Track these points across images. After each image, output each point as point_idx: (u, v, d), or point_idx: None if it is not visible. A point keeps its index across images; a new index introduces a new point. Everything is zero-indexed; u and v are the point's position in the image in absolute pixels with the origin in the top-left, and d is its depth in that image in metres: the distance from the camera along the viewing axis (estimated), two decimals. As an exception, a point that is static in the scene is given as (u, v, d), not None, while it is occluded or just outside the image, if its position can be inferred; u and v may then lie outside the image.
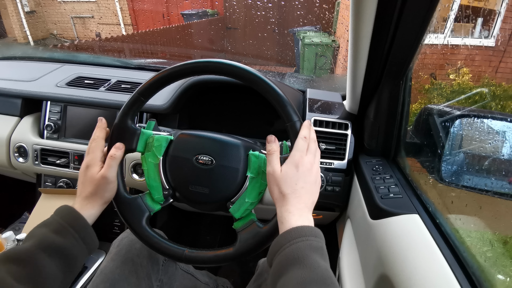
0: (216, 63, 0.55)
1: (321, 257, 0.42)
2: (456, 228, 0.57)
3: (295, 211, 0.47)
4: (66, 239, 0.49)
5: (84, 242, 0.51)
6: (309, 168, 0.51)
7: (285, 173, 0.50)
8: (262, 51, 5.03)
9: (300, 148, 0.51)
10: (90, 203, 0.55)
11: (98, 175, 0.55)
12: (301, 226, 0.44)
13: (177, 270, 0.73)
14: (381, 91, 0.73)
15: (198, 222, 1.56)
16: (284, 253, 0.42)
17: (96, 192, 0.55)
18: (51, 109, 1.06)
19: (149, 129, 0.61)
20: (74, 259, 0.50)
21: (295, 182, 0.49)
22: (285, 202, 0.48)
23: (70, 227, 0.50)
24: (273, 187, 0.50)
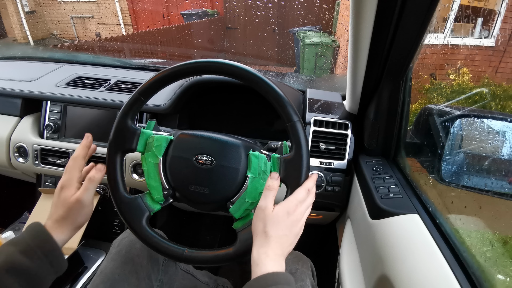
0: (216, 63, 0.55)
1: None
2: (456, 228, 0.57)
3: (273, 256, 0.46)
4: (33, 261, 0.47)
5: (52, 266, 0.49)
6: (299, 219, 0.51)
7: (276, 214, 0.49)
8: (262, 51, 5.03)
9: (299, 198, 0.51)
10: (60, 228, 0.52)
11: (72, 198, 0.53)
12: (276, 273, 0.44)
13: (177, 270, 0.73)
14: (381, 91, 0.73)
15: (198, 222, 1.56)
16: None
17: (68, 216, 0.53)
18: (51, 109, 1.06)
19: (149, 129, 0.61)
20: (40, 280, 0.48)
21: (282, 227, 0.49)
22: (265, 244, 0.47)
23: (38, 249, 0.48)
24: (259, 223, 0.49)
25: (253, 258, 0.47)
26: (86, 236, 1.02)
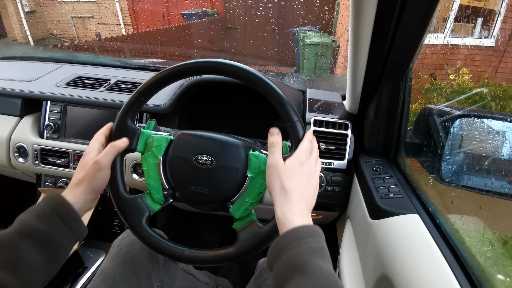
0: (216, 63, 0.55)
1: (323, 259, 0.39)
2: (456, 228, 0.57)
3: (298, 211, 0.44)
4: (49, 225, 0.46)
5: (69, 229, 0.48)
6: (313, 170, 0.49)
7: (289, 167, 0.47)
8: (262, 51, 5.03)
9: (305, 149, 0.50)
10: (75, 191, 0.52)
11: (91, 161, 0.53)
12: (297, 227, 0.42)
13: (178, 270, 0.73)
14: (381, 91, 0.73)
15: (198, 222, 1.56)
16: (283, 260, 0.40)
17: (84, 178, 0.52)
18: (51, 109, 1.06)
19: (149, 129, 0.61)
20: (59, 246, 0.47)
21: (299, 178, 0.47)
22: (288, 200, 0.45)
23: (54, 212, 0.47)
24: (275, 180, 0.47)
25: (278, 217, 0.45)
26: (86, 236, 1.01)
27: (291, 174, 0.47)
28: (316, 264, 0.38)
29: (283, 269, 0.39)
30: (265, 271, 0.74)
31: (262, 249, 0.55)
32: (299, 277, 0.37)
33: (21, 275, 0.42)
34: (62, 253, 0.48)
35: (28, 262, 0.43)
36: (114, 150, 0.55)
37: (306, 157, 0.50)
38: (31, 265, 0.43)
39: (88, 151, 0.55)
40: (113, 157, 0.55)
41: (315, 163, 0.51)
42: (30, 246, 0.44)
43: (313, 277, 0.36)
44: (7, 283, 0.40)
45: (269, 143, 0.51)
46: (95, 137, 0.57)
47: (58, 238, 0.47)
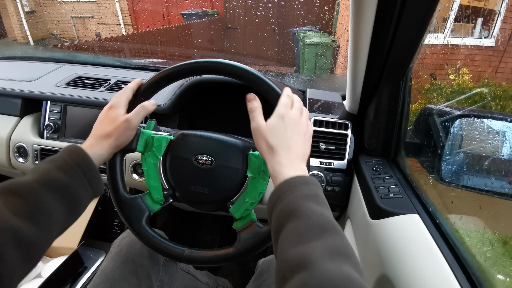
0: (216, 63, 0.55)
1: (316, 204, 0.40)
2: (456, 228, 0.57)
3: (286, 162, 0.45)
4: (71, 178, 0.45)
5: (90, 185, 0.48)
6: (296, 120, 0.50)
7: (270, 125, 0.49)
8: (262, 51, 5.03)
9: (284, 103, 0.50)
10: (102, 143, 0.52)
11: (122, 117, 0.54)
12: (290, 178, 0.42)
13: (178, 270, 0.73)
14: (381, 91, 0.73)
15: (198, 222, 1.56)
16: (278, 210, 0.41)
17: (113, 133, 0.53)
18: (51, 109, 1.06)
19: (149, 129, 0.61)
20: (79, 199, 0.47)
21: (282, 132, 0.47)
22: (275, 155, 0.46)
23: (77, 166, 0.46)
24: (261, 142, 0.48)
25: (270, 173, 0.46)
26: (86, 236, 1.02)
27: (274, 131, 0.48)
28: (308, 207, 0.39)
29: (278, 219, 0.40)
30: (265, 271, 0.74)
31: (262, 249, 0.55)
32: (293, 221, 0.38)
33: (41, 225, 0.41)
34: (81, 207, 0.48)
35: (49, 213, 0.42)
36: (145, 111, 0.56)
37: (287, 110, 0.50)
38: (51, 216, 0.43)
39: (116, 105, 0.55)
40: (142, 118, 0.56)
41: (299, 113, 0.51)
42: (52, 197, 0.43)
43: (305, 218, 0.37)
44: (26, 232, 0.39)
45: (248, 109, 0.52)
46: (123, 91, 0.57)
47: (79, 192, 0.46)
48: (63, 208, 0.44)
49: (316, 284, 0.31)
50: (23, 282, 0.89)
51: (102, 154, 0.52)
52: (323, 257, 0.33)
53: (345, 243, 0.36)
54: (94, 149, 0.51)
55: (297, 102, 0.53)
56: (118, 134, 0.53)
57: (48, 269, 0.92)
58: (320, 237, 0.36)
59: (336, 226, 0.38)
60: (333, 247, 0.35)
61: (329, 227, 0.37)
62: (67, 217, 0.45)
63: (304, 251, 0.34)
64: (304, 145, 0.49)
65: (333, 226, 0.37)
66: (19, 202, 0.40)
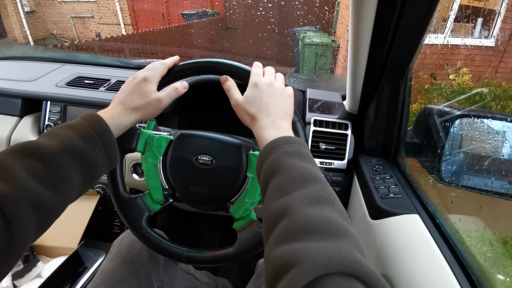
0: (216, 63, 0.55)
1: (300, 159, 0.40)
2: (456, 228, 0.57)
3: (266, 125, 0.47)
4: (91, 148, 0.45)
5: (107, 156, 0.47)
6: (269, 84, 0.51)
7: (246, 96, 0.51)
8: (262, 51, 5.03)
9: (255, 72, 0.53)
10: (130, 114, 0.52)
11: (155, 94, 0.54)
12: (273, 139, 0.44)
13: (178, 270, 0.73)
14: (381, 91, 0.73)
15: (198, 222, 1.56)
16: (263, 170, 0.42)
17: (143, 108, 0.53)
18: (51, 109, 1.06)
19: (149, 129, 0.61)
20: (97, 169, 0.46)
21: (258, 100, 0.50)
22: (256, 121, 0.49)
23: (98, 136, 0.46)
24: (242, 115, 0.51)
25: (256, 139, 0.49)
26: (86, 236, 1.02)
27: (250, 100, 0.50)
28: (290, 162, 0.40)
29: (264, 178, 0.41)
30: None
31: (262, 249, 0.55)
32: (276, 176, 0.39)
33: (59, 192, 0.41)
34: (96, 177, 0.48)
35: (68, 180, 0.42)
36: (176, 94, 0.57)
37: (259, 78, 0.52)
38: (70, 184, 0.42)
39: (150, 78, 0.54)
40: (172, 100, 0.57)
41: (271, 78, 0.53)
42: (73, 165, 0.43)
43: (287, 172, 0.38)
44: (46, 199, 0.39)
45: (224, 90, 0.55)
46: (159, 66, 0.56)
47: (97, 162, 0.46)
48: (81, 176, 0.44)
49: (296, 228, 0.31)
50: (23, 282, 0.89)
51: (127, 125, 0.52)
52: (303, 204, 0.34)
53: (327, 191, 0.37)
54: (121, 119, 0.51)
55: (269, 69, 0.55)
56: (147, 110, 0.54)
57: (48, 269, 0.92)
58: (302, 187, 0.36)
59: (319, 176, 0.39)
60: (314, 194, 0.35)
61: (311, 178, 0.37)
62: (83, 186, 0.45)
63: (286, 201, 0.35)
64: (284, 105, 0.51)
65: (315, 177, 0.38)
66: (39, 166, 0.39)
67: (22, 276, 0.89)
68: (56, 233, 0.99)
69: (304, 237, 0.30)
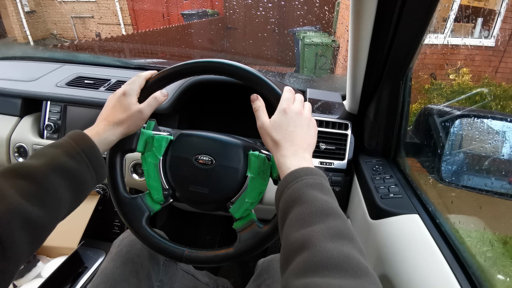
0: (216, 63, 0.55)
1: (321, 192, 0.41)
2: (456, 228, 0.57)
3: (289, 154, 0.47)
4: (78, 164, 0.46)
5: (95, 172, 0.49)
6: (298, 113, 0.52)
7: (273, 121, 0.51)
8: (262, 51, 5.03)
9: (286, 98, 0.53)
10: (113, 130, 0.53)
11: (135, 106, 0.54)
12: (296, 169, 0.44)
13: (178, 270, 0.73)
14: (381, 91, 0.73)
15: (198, 222, 1.56)
16: (283, 199, 0.42)
17: (125, 121, 0.54)
18: (51, 109, 1.06)
19: (149, 129, 0.61)
20: (85, 186, 0.48)
21: (285, 127, 0.50)
22: (279, 148, 0.49)
23: (83, 153, 0.47)
24: (266, 138, 0.52)
25: (276, 166, 0.49)
26: (86, 236, 1.02)
27: (277, 126, 0.51)
28: (312, 194, 0.40)
29: (283, 207, 0.42)
30: (264, 271, 0.74)
31: (262, 249, 0.55)
32: (297, 207, 0.40)
33: (49, 209, 0.42)
34: (85, 193, 0.49)
35: (57, 198, 0.43)
36: (156, 103, 0.57)
37: (288, 105, 0.52)
38: (59, 201, 0.44)
39: (129, 92, 0.55)
40: (153, 109, 0.57)
41: (300, 106, 0.53)
42: (61, 182, 0.44)
43: (308, 204, 0.39)
44: (36, 217, 0.40)
45: (253, 109, 0.55)
46: (137, 79, 0.57)
47: (84, 178, 0.47)
48: (70, 193, 0.45)
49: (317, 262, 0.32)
50: (23, 282, 0.89)
51: (112, 140, 0.53)
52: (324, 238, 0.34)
53: (347, 227, 0.37)
54: (105, 135, 0.52)
55: (299, 96, 0.55)
56: (130, 122, 0.54)
57: (48, 269, 0.92)
58: (322, 221, 0.37)
59: (339, 211, 0.39)
60: (335, 230, 0.36)
61: (331, 212, 0.38)
62: (73, 202, 0.47)
63: (307, 233, 0.36)
64: (308, 136, 0.51)
65: (336, 212, 0.39)
66: (29, 186, 0.41)
67: (22, 276, 0.89)
68: (56, 233, 0.98)
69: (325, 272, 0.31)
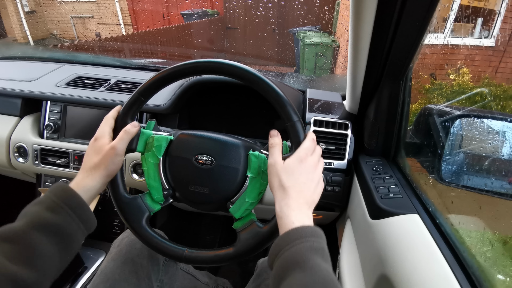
0: (216, 63, 0.55)
1: (322, 259, 0.41)
2: (456, 228, 0.57)
3: (295, 205, 0.46)
4: (61, 217, 0.46)
5: (80, 220, 0.48)
6: (313, 166, 0.51)
7: (287, 165, 0.49)
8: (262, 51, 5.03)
9: (307, 147, 0.51)
10: (92, 175, 0.53)
11: (107, 146, 0.54)
12: (300, 227, 0.43)
13: (178, 270, 0.73)
14: (381, 91, 0.73)
15: (198, 222, 1.56)
16: (285, 256, 0.41)
17: (101, 163, 0.53)
18: (51, 109, 1.06)
19: (149, 129, 0.61)
20: (71, 237, 0.47)
21: (297, 176, 0.48)
22: (286, 195, 0.47)
23: (65, 204, 0.47)
24: (274, 179, 0.49)
25: (276, 212, 0.47)
26: (86, 236, 1.02)
27: (289, 171, 0.49)
28: (315, 261, 0.39)
29: (284, 264, 0.41)
30: (264, 271, 0.74)
31: (262, 249, 0.55)
32: (299, 272, 0.38)
33: (36, 268, 0.42)
34: (74, 246, 0.48)
35: (42, 255, 0.43)
36: (129, 136, 0.56)
37: (307, 155, 0.51)
38: (45, 258, 0.43)
39: (100, 135, 0.56)
40: (127, 142, 0.56)
41: (317, 160, 0.52)
42: (44, 239, 0.43)
43: (312, 273, 0.38)
44: (23, 277, 0.40)
45: (269, 144, 0.53)
46: (104, 121, 0.57)
47: (70, 230, 0.47)
48: (56, 248, 0.45)
49: None
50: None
51: (94, 185, 0.52)
52: None
53: None
54: (85, 182, 0.52)
55: (318, 149, 0.54)
56: (107, 163, 0.53)
57: (48, 269, 0.92)
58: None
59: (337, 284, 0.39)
60: None
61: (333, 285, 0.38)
62: (62, 257, 0.46)
63: None
64: (315, 192, 0.50)
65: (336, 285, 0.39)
66: (12, 248, 0.41)
67: (22, 276, 0.89)
68: (56, 233, 0.99)
69: None
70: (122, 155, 0.55)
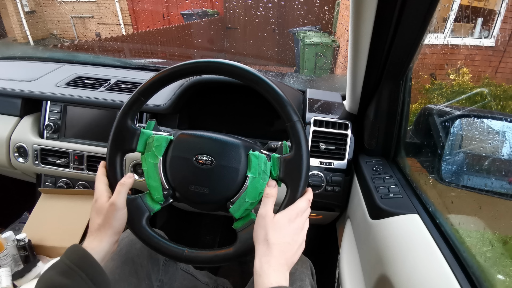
0: (216, 63, 0.55)
1: None
2: (456, 228, 0.57)
3: (275, 265, 0.45)
4: (73, 280, 0.47)
5: (93, 282, 0.48)
6: (300, 228, 0.51)
7: (277, 221, 0.49)
8: (262, 51, 5.03)
9: (300, 207, 0.52)
10: (99, 236, 0.53)
11: (106, 204, 0.54)
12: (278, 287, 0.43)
13: (177, 270, 0.73)
14: (381, 91, 0.73)
15: (198, 222, 1.56)
16: None
17: (105, 222, 0.53)
18: (51, 109, 1.06)
19: (149, 129, 0.61)
20: None
21: (284, 234, 0.48)
22: (268, 252, 0.47)
23: (77, 267, 0.48)
24: (260, 231, 0.49)
25: (255, 268, 0.46)
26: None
27: (277, 228, 0.49)
28: None
29: None
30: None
31: (262, 249, 0.55)
32: None
33: None
34: None
35: None
36: (125, 188, 0.56)
37: (297, 215, 0.51)
38: None
39: (98, 196, 0.56)
40: (125, 194, 0.56)
41: (304, 222, 0.52)
42: None
43: None
44: None
45: (264, 194, 0.53)
46: (98, 181, 0.58)
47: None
48: None
49: None
50: (23, 282, 0.89)
51: (103, 246, 0.53)
52: None
53: None
54: (92, 245, 0.52)
55: (308, 211, 0.54)
56: (110, 221, 0.54)
57: (48, 269, 0.92)
58: None
59: None
60: None
61: None
62: None
63: None
64: (295, 255, 0.50)
65: None
66: None
67: (22, 276, 0.89)
68: (56, 233, 0.99)
69: None
70: (123, 208, 0.55)
